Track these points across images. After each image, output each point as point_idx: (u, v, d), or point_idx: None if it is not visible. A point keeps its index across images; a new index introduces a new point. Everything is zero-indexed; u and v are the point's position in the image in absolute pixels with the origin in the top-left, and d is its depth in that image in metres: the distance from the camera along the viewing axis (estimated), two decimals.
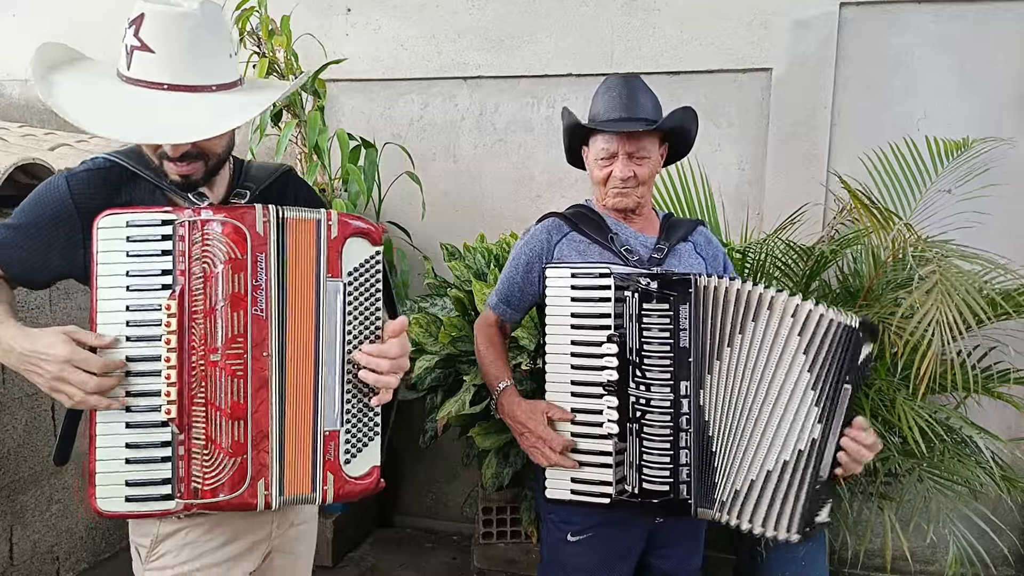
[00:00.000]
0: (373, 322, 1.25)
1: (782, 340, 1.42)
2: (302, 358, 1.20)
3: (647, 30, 3.04)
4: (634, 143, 1.57)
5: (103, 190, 1.23)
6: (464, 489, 3.33)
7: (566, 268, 1.49)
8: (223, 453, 1.15)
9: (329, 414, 1.22)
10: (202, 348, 1.14)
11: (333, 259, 1.22)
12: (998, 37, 2.77)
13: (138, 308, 1.15)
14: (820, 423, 1.41)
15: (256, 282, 1.15)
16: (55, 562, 2.68)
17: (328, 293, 1.21)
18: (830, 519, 1.46)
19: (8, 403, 2.47)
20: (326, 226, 1.21)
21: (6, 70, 3.74)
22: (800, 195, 2.90)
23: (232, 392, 1.14)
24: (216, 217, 1.14)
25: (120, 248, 1.16)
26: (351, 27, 3.32)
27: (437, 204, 3.26)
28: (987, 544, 2.43)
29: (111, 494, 1.16)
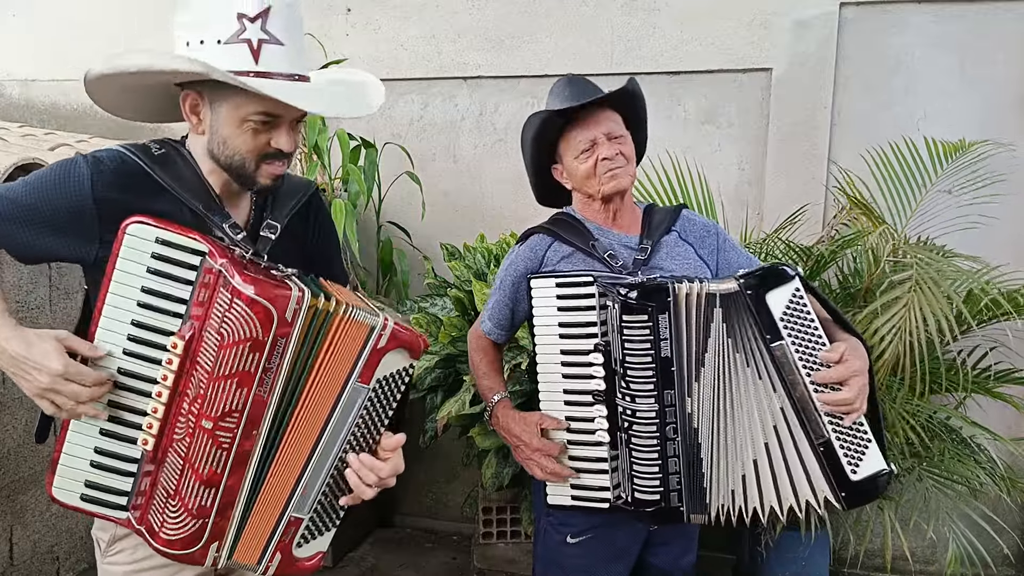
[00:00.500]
0: (379, 428, 1.25)
1: (718, 331, 1.40)
2: (299, 445, 1.19)
3: (647, 30, 3.04)
4: (609, 123, 1.56)
5: (127, 194, 1.17)
6: (464, 489, 3.33)
7: (551, 278, 1.48)
8: (187, 513, 1.14)
9: (302, 502, 1.22)
10: (196, 407, 1.11)
11: (370, 365, 1.19)
12: (998, 37, 2.77)
13: (144, 326, 1.13)
14: (775, 392, 1.38)
15: (269, 364, 1.11)
16: (55, 562, 2.68)
17: (350, 394, 1.19)
18: (886, 470, 1.38)
19: (8, 403, 2.47)
20: (377, 335, 1.18)
21: (6, 70, 3.74)
22: (800, 195, 2.90)
23: (212, 460, 1.13)
24: (247, 290, 1.07)
25: (142, 261, 1.11)
26: (351, 27, 3.32)
27: (437, 204, 3.25)
28: (987, 543, 2.43)
29: (69, 487, 1.17)
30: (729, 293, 1.38)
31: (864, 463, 1.39)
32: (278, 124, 1.19)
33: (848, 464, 1.38)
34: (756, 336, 1.38)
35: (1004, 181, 2.72)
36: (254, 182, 1.22)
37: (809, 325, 1.37)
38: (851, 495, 1.39)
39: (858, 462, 1.39)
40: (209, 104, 1.18)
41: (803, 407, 1.38)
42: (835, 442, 1.38)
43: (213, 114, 1.18)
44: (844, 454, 1.38)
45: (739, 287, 1.38)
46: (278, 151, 1.20)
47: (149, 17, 3.43)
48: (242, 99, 1.15)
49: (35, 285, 2.52)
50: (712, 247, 1.64)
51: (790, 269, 1.38)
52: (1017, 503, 2.80)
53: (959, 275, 2.36)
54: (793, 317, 1.37)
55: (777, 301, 1.37)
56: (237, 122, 1.17)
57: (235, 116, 1.16)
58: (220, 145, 1.19)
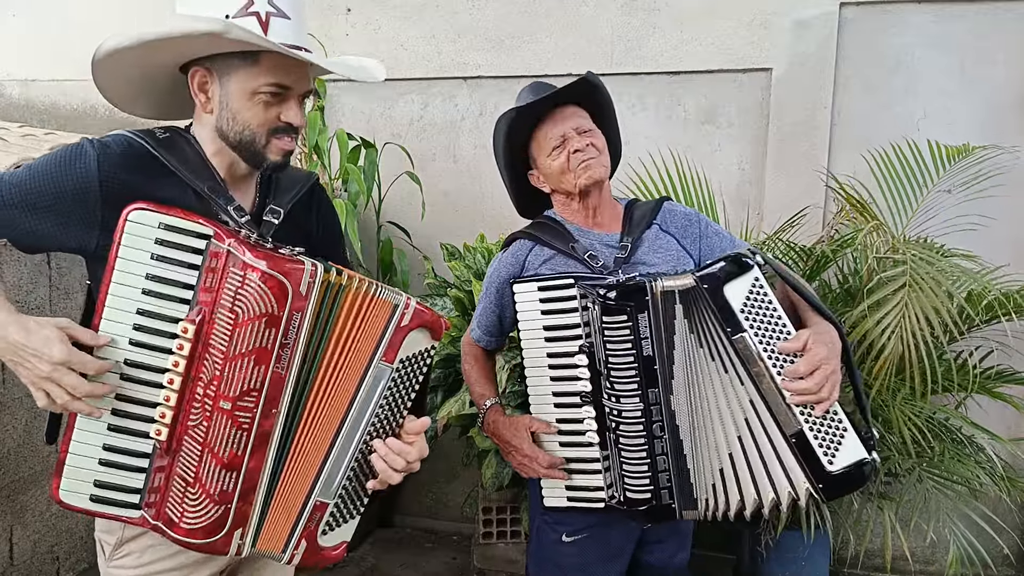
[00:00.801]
0: (402, 412, 1.24)
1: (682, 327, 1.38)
2: (321, 425, 1.18)
3: (647, 30, 3.04)
4: (577, 118, 1.57)
5: (132, 175, 1.16)
6: (464, 489, 3.33)
7: (533, 282, 1.48)
8: (208, 499, 1.12)
9: (327, 486, 1.20)
10: (212, 389, 1.09)
11: (394, 344, 1.19)
12: (998, 37, 2.77)
13: (149, 314, 1.10)
14: (743, 384, 1.37)
15: (285, 340, 1.10)
16: (55, 562, 2.67)
17: (374, 374, 1.19)
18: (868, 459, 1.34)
19: (8, 403, 2.47)
20: (400, 313, 1.19)
21: (6, 70, 3.74)
22: (800, 195, 2.90)
23: (233, 443, 1.11)
24: (260, 264, 1.07)
25: (146, 248, 1.09)
26: (351, 27, 3.32)
27: (437, 204, 3.25)
28: (987, 544, 2.43)
29: (77, 489, 1.13)
30: (687, 288, 1.37)
31: (841, 453, 1.35)
32: (287, 97, 1.20)
33: (824, 455, 1.35)
34: (718, 329, 1.36)
35: (1004, 183, 2.72)
36: (263, 158, 1.22)
37: (771, 315, 1.35)
38: (829, 486, 1.36)
39: (835, 452, 1.35)
40: (218, 79, 1.18)
41: (771, 399, 1.35)
42: (808, 433, 1.35)
43: (222, 89, 1.18)
44: (819, 445, 1.35)
45: (695, 281, 1.36)
46: (288, 124, 1.21)
47: (149, 17, 3.42)
48: (252, 72, 1.16)
49: (35, 285, 2.52)
50: (695, 235, 1.63)
51: (749, 259, 1.36)
52: (1017, 503, 2.80)
53: (959, 275, 2.36)
54: (754, 308, 1.35)
55: (736, 293, 1.35)
56: (248, 95, 1.17)
57: (246, 89, 1.17)
58: (230, 120, 1.19)
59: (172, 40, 1.13)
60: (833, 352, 1.33)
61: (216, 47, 1.15)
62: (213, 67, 1.18)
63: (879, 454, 2.30)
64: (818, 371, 1.32)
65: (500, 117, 1.62)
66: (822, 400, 1.32)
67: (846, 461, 1.35)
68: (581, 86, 1.58)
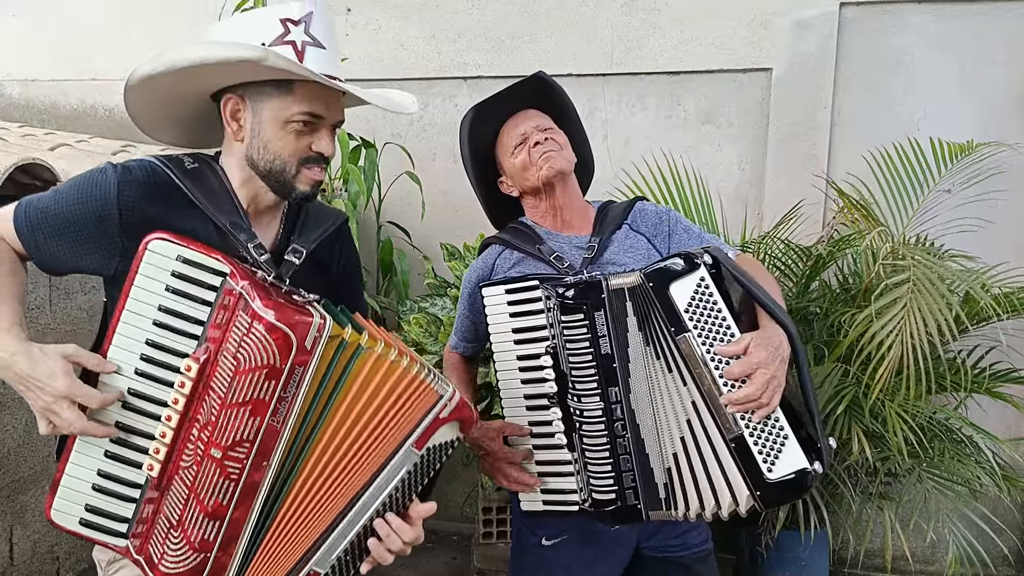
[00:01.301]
0: (411, 496, 1.21)
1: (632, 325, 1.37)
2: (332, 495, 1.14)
3: (647, 30, 3.04)
4: (536, 118, 1.60)
5: (153, 205, 1.16)
6: (464, 489, 3.33)
7: (500, 285, 1.47)
8: (188, 546, 1.10)
9: (327, 555, 1.15)
10: (206, 434, 1.08)
11: (428, 433, 1.16)
12: (998, 37, 2.77)
13: (158, 346, 1.09)
14: (685, 385, 1.35)
15: (284, 393, 1.07)
16: (55, 562, 2.68)
17: (401, 458, 1.15)
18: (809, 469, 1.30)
19: (8, 403, 2.47)
20: (443, 404, 1.16)
21: (6, 70, 3.74)
22: (800, 195, 2.90)
23: (219, 492, 1.08)
24: (267, 315, 1.04)
25: (161, 279, 1.09)
26: (351, 27, 3.32)
27: (437, 204, 3.25)
28: (987, 544, 2.44)
29: (68, 511, 1.13)
30: (634, 286, 1.36)
31: (781, 461, 1.31)
32: (320, 127, 1.20)
33: (764, 462, 1.32)
34: (662, 328, 1.34)
35: (1005, 182, 2.72)
36: (293, 188, 1.21)
37: (716, 316, 1.32)
38: (767, 494, 1.32)
39: (775, 460, 1.32)
40: (251, 107, 1.18)
41: (713, 402, 1.32)
42: (748, 438, 1.32)
43: (255, 117, 1.18)
44: (759, 451, 1.32)
45: (642, 279, 1.35)
46: (319, 155, 1.20)
47: (149, 17, 3.43)
48: (287, 101, 1.16)
49: (35, 285, 2.52)
50: (665, 233, 1.61)
51: (697, 258, 1.34)
52: (1016, 503, 2.80)
53: (959, 275, 2.36)
54: (699, 308, 1.32)
55: (681, 292, 1.32)
56: (280, 124, 1.17)
57: (279, 118, 1.17)
58: (261, 149, 1.19)
59: (207, 67, 1.12)
60: (774, 357, 1.29)
61: (251, 75, 1.14)
62: (246, 95, 1.18)
63: (879, 454, 2.32)
64: (755, 376, 1.28)
65: (462, 122, 1.64)
66: (761, 406, 1.29)
67: (786, 470, 1.31)
68: (534, 84, 1.61)
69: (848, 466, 2.39)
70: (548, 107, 1.65)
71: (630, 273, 1.37)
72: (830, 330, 2.48)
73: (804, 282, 2.65)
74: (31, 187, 2.26)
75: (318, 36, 1.17)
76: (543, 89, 1.64)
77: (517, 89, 1.62)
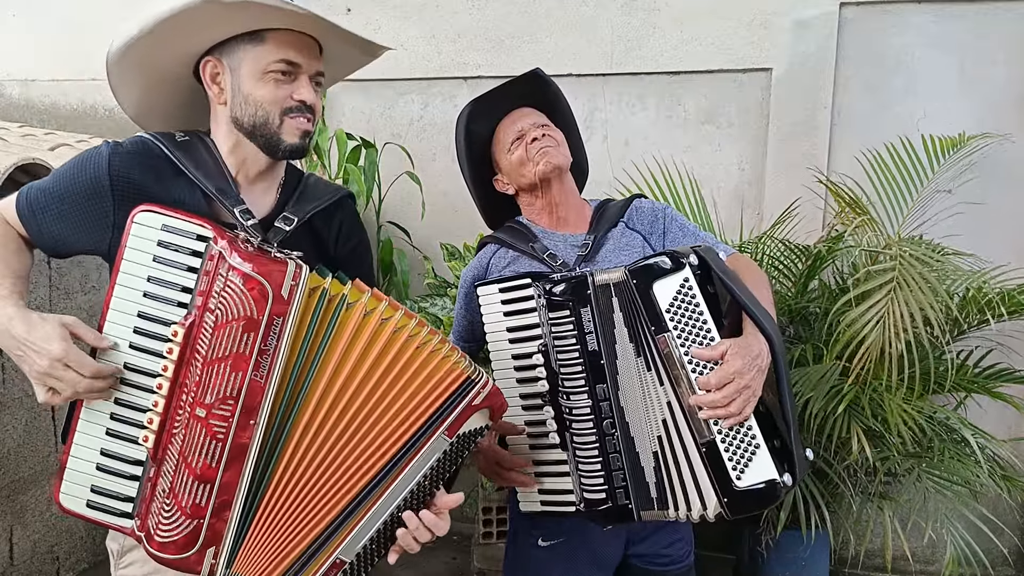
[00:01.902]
0: (438, 485, 1.18)
1: (619, 321, 1.36)
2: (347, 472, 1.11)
3: (647, 30, 3.04)
4: (533, 115, 1.60)
5: (143, 175, 1.18)
6: (464, 489, 3.33)
7: (493, 284, 1.46)
8: (181, 512, 1.08)
9: (351, 545, 1.13)
10: (192, 395, 1.06)
11: (460, 420, 1.13)
12: (998, 37, 2.77)
13: (149, 318, 1.09)
14: (662, 385, 1.33)
15: (264, 346, 1.05)
16: (55, 562, 2.68)
17: (432, 445, 1.13)
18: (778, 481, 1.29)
19: (8, 403, 2.47)
20: (477, 391, 1.14)
21: (6, 70, 3.74)
22: (800, 195, 2.90)
23: (207, 453, 1.07)
24: (243, 267, 1.05)
25: (148, 250, 1.09)
26: (351, 27, 3.32)
27: (437, 204, 3.25)
28: (986, 544, 2.44)
29: (75, 493, 1.12)
30: (618, 282, 1.35)
31: (750, 470, 1.30)
32: (298, 76, 1.21)
33: (733, 469, 1.30)
34: (644, 325, 1.33)
35: (1004, 183, 2.72)
36: (280, 140, 1.21)
37: (697, 319, 1.31)
38: (734, 502, 1.30)
39: (744, 468, 1.30)
40: (228, 68, 1.20)
41: (687, 404, 1.32)
42: (720, 444, 1.31)
43: (233, 75, 1.20)
44: (729, 458, 1.30)
45: (626, 276, 1.34)
46: (301, 103, 1.21)
47: None
48: (261, 51, 1.18)
49: (35, 285, 2.52)
50: (660, 231, 1.60)
51: (683, 257, 1.32)
52: (1016, 503, 2.80)
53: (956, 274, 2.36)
54: (680, 309, 1.31)
55: (664, 291, 1.31)
56: (259, 75, 1.19)
57: (256, 69, 1.19)
58: (243, 104, 1.20)
59: (176, 23, 1.14)
60: (750, 367, 1.27)
61: (221, 26, 1.16)
62: (222, 56, 1.20)
63: (879, 454, 2.32)
64: (729, 385, 1.26)
65: (458, 119, 1.63)
66: (730, 415, 1.27)
67: (754, 479, 1.30)
68: (530, 82, 1.63)
69: (848, 466, 2.39)
70: (543, 105, 1.66)
71: (616, 269, 1.36)
72: (829, 330, 2.48)
73: (803, 281, 2.65)
74: None
75: None
76: (539, 87, 1.64)
77: (513, 86, 1.63)
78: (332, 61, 1.32)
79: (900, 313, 2.05)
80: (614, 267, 1.39)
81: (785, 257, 2.65)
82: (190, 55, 1.22)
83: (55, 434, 2.63)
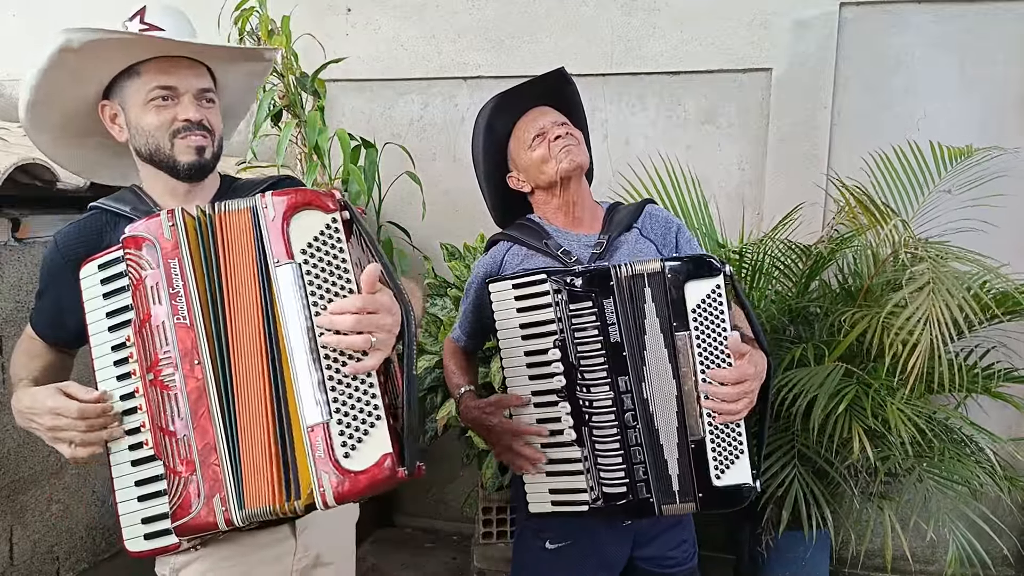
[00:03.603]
0: (343, 289, 1.09)
1: (651, 312, 1.40)
2: (252, 356, 1.11)
3: (647, 30, 3.04)
4: (553, 113, 1.61)
5: (87, 239, 1.29)
6: (464, 489, 3.33)
7: (507, 280, 1.47)
8: (175, 476, 1.11)
9: (308, 407, 1.07)
10: (143, 369, 1.13)
11: (278, 241, 1.09)
12: (998, 37, 2.77)
13: (119, 346, 1.17)
14: (675, 378, 1.39)
15: (173, 290, 1.11)
16: (55, 562, 2.67)
17: (280, 277, 1.09)
18: (751, 485, 1.38)
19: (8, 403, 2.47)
20: (262, 209, 1.11)
21: (6, 70, 3.74)
22: (800, 195, 2.90)
23: (171, 409, 1.11)
24: (131, 232, 1.14)
25: (98, 292, 1.19)
26: (351, 27, 3.32)
27: (437, 204, 3.25)
28: (987, 544, 2.43)
29: (134, 534, 1.18)
30: (653, 272, 1.39)
31: (730, 471, 1.39)
32: (178, 96, 1.27)
33: (715, 468, 1.39)
34: (667, 319, 1.38)
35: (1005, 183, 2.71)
36: (176, 161, 1.28)
37: (718, 325, 1.38)
38: (708, 497, 1.39)
39: (725, 469, 1.39)
40: (120, 105, 1.29)
41: (688, 401, 1.38)
42: (708, 443, 1.38)
43: (126, 112, 1.29)
44: (713, 457, 1.39)
45: (662, 268, 1.38)
46: (187, 121, 1.26)
47: None
48: (138, 83, 1.26)
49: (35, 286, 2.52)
50: (672, 246, 1.63)
51: (718, 263, 1.38)
52: (1017, 503, 2.80)
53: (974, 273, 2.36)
54: (706, 312, 1.37)
55: (695, 292, 1.37)
56: (141, 105, 1.26)
57: (139, 100, 1.26)
58: (138, 136, 1.28)
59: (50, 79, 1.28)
60: (758, 377, 1.37)
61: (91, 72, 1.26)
62: (113, 96, 1.30)
63: (879, 453, 2.32)
64: (741, 384, 1.35)
65: (479, 114, 1.64)
66: (734, 412, 1.35)
67: (733, 480, 1.39)
68: (554, 80, 1.64)
69: (849, 465, 2.39)
70: (561, 104, 1.66)
71: (653, 260, 1.40)
72: (830, 329, 2.48)
73: (804, 282, 2.65)
74: (31, 187, 2.26)
75: (154, 22, 1.28)
76: (560, 86, 1.65)
77: (534, 85, 1.63)
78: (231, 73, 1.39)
79: (942, 310, 2.04)
80: (649, 259, 1.43)
81: (786, 257, 2.65)
82: (88, 101, 1.32)
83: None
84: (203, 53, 1.30)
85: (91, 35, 1.21)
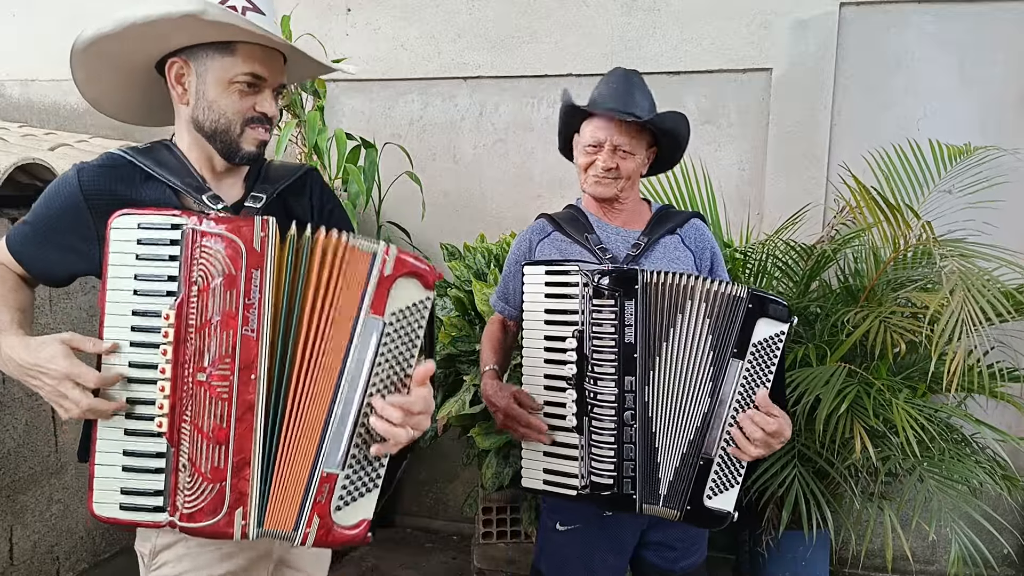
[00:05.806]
0: (405, 369, 1.17)
1: (697, 326, 1.44)
2: (317, 389, 1.13)
3: (647, 30, 3.04)
4: (622, 136, 1.59)
5: (114, 185, 1.22)
6: (464, 489, 3.33)
7: (541, 266, 1.53)
8: (203, 479, 1.11)
9: (332, 454, 1.14)
10: (192, 365, 1.10)
11: (380, 296, 1.13)
12: (998, 37, 2.77)
13: (143, 313, 1.12)
14: (710, 397, 1.44)
15: (248, 300, 1.09)
16: (55, 562, 2.67)
17: (365, 329, 1.13)
18: (732, 512, 1.45)
19: (8, 403, 2.46)
20: (381, 261, 1.13)
21: (6, 70, 3.74)
22: (800, 195, 2.90)
23: (216, 415, 1.10)
24: (214, 229, 1.10)
25: (131, 251, 1.13)
26: (351, 27, 3.32)
27: (437, 204, 3.25)
28: (988, 543, 2.43)
29: (107, 499, 1.14)
30: (734, 296, 1.43)
31: (721, 496, 1.46)
32: (262, 88, 1.24)
33: (711, 488, 1.45)
34: (727, 342, 1.43)
35: (1006, 184, 2.71)
36: (238, 148, 1.25)
37: (767, 367, 1.43)
38: (693, 512, 1.45)
39: (718, 493, 1.45)
40: (195, 71, 1.22)
41: (714, 425, 1.44)
42: (713, 465, 1.44)
43: (199, 80, 1.22)
44: (713, 479, 1.45)
45: (747, 296, 1.43)
46: (263, 115, 1.25)
47: None
48: (229, 62, 1.20)
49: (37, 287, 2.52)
50: (707, 264, 1.69)
51: (791, 315, 1.45)
52: (1018, 503, 2.80)
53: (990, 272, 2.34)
54: (764, 350, 1.43)
55: (764, 329, 1.43)
56: (224, 84, 1.21)
57: (222, 78, 1.21)
58: (206, 110, 1.23)
59: (150, 26, 1.16)
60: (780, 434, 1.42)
61: (194, 34, 1.18)
62: (190, 59, 1.22)
63: (880, 453, 2.32)
64: (772, 437, 1.41)
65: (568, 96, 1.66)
66: (752, 453, 1.41)
67: (719, 505, 1.46)
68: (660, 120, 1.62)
69: (850, 465, 2.39)
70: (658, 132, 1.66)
71: (739, 285, 1.46)
72: (832, 329, 2.48)
73: (805, 282, 2.65)
74: (31, 187, 2.26)
75: (257, 2, 1.21)
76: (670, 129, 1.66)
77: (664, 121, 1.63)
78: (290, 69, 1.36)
79: (975, 308, 2.03)
80: (736, 283, 1.47)
81: (787, 256, 2.65)
82: (157, 53, 1.25)
83: (55, 434, 2.63)
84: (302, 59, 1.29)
85: (221, 15, 1.14)
